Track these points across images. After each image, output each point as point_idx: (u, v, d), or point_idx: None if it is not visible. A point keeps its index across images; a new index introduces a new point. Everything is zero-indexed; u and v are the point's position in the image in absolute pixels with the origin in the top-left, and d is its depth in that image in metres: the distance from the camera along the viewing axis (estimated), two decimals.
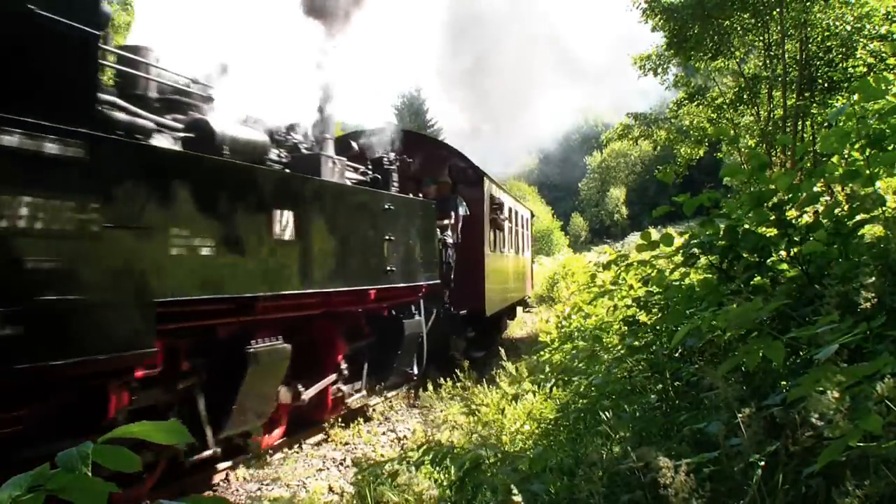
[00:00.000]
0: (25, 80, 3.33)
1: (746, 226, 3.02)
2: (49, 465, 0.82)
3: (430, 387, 8.79)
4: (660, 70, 17.03)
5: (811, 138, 14.15)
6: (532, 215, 21.71)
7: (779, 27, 14.39)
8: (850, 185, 2.82)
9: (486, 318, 12.01)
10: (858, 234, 2.80)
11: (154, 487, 5.17)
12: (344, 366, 7.27)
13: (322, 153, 6.98)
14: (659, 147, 19.14)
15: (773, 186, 2.86)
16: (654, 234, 3.71)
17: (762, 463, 2.10)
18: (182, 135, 5.25)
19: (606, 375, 4.00)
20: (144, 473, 4.72)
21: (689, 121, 18.20)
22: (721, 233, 3.02)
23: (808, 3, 13.15)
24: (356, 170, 8.10)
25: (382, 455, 6.57)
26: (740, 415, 2.23)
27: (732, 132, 15.53)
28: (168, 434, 0.88)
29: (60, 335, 3.37)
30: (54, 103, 3.43)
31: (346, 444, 7.60)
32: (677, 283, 3.80)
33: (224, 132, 5.44)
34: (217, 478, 6.42)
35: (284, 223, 5.37)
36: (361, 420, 8.20)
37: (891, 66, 12.34)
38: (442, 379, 9.02)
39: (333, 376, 7.06)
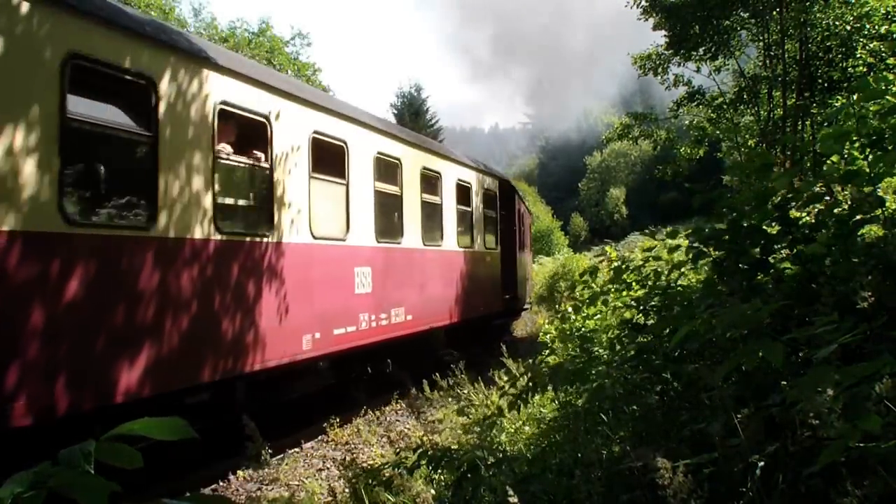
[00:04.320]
0: None
1: (752, 221, 3.02)
2: (51, 462, 0.82)
3: (427, 388, 8.77)
4: (660, 70, 17.02)
5: (811, 138, 14.14)
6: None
7: (779, 27, 14.40)
8: (850, 185, 2.82)
9: None
10: (858, 234, 2.80)
11: (153, 484, 5.18)
12: None
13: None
14: (659, 147, 19.13)
15: (772, 185, 2.87)
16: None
17: (761, 463, 2.10)
18: None
19: (605, 377, 4.00)
20: None
21: (688, 120, 18.20)
22: (726, 226, 3.02)
23: (807, 3, 13.16)
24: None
25: (382, 455, 6.58)
26: (739, 415, 2.24)
27: (737, 132, 15.53)
28: (169, 431, 0.89)
29: None
30: None
31: (346, 443, 7.61)
32: (675, 284, 3.80)
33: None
34: (217, 477, 6.43)
35: None
36: (360, 420, 8.21)
37: (891, 66, 12.34)
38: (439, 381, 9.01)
39: None
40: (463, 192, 12.33)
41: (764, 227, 3.02)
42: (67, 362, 4.52)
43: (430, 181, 10.90)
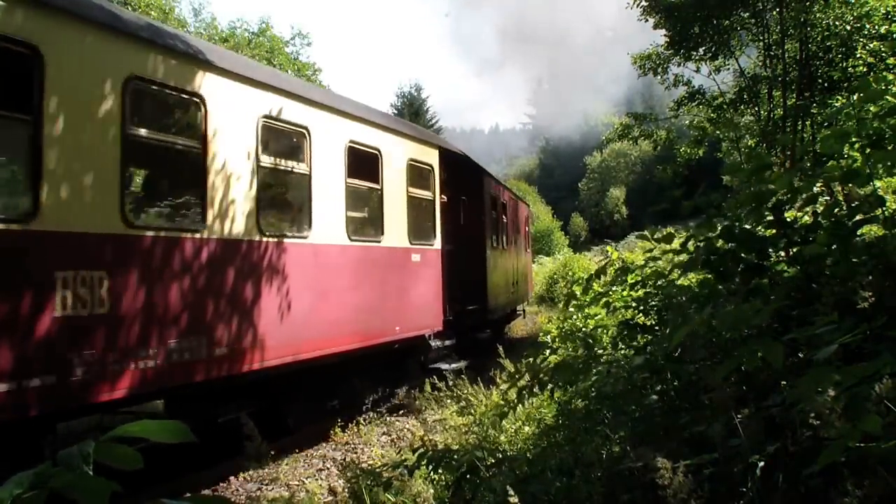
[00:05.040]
0: None
1: (746, 226, 3.02)
2: (51, 462, 0.82)
3: (427, 388, 8.78)
4: (660, 70, 17.02)
5: (811, 138, 14.15)
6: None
7: (779, 27, 14.40)
8: (850, 185, 2.82)
9: None
10: (858, 234, 2.80)
11: (153, 485, 5.18)
12: None
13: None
14: (659, 147, 19.12)
15: (772, 186, 2.86)
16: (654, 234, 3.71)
17: (761, 463, 2.10)
18: None
19: (605, 377, 4.00)
20: None
21: (688, 120, 18.20)
22: (718, 233, 3.02)
23: (807, 3, 13.16)
24: None
25: (382, 455, 6.58)
26: (739, 415, 2.24)
27: (737, 130, 15.53)
28: (168, 433, 0.88)
29: None
30: None
31: (346, 443, 7.61)
32: (675, 282, 3.80)
33: None
34: (217, 477, 6.43)
35: None
36: (360, 420, 8.21)
37: (891, 66, 12.33)
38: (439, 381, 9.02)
39: None
40: (362, 162, 8.45)
41: (760, 230, 3.02)
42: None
43: (287, 140, 7.41)
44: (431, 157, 10.55)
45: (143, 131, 5.46)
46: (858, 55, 13.42)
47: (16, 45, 4.50)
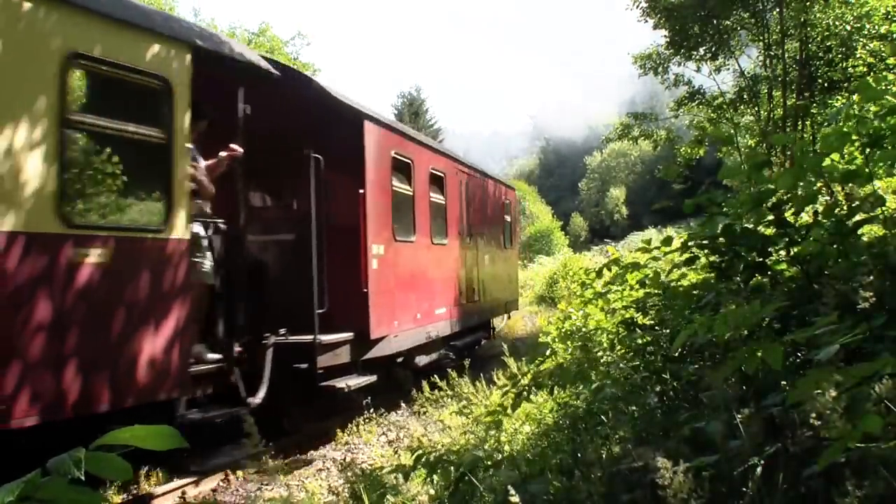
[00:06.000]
0: None
1: (747, 225, 3.01)
2: (40, 472, 0.81)
3: (427, 388, 8.77)
4: (660, 70, 17.00)
5: (811, 138, 14.14)
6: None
7: (779, 27, 14.39)
8: (850, 184, 2.81)
9: None
10: (858, 233, 2.79)
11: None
12: None
13: None
14: (659, 147, 19.10)
15: (771, 186, 2.86)
16: (654, 234, 3.71)
17: (761, 464, 2.10)
18: None
19: (605, 376, 3.99)
20: None
21: (689, 120, 18.19)
22: (719, 231, 3.01)
23: (807, 3, 13.15)
24: None
25: (382, 455, 6.57)
26: (739, 416, 2.23)
27: (733, 131, 15.53)
28: (160, 440, 0.87)
29: None
30: None
31: (346, 443, 7.61)
32: (675, 283, 3.80)
33: None
34: (217, 477, 6.43)
35: None
36: (361, 420, 8.20)
37: (891, 66, 12.33)
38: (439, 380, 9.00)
39: None
40: None
41: (760, 228, 3.01)
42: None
43: None
44: (164, 62, 5.45)
45: None
46: (858, 55, 13.41)
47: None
